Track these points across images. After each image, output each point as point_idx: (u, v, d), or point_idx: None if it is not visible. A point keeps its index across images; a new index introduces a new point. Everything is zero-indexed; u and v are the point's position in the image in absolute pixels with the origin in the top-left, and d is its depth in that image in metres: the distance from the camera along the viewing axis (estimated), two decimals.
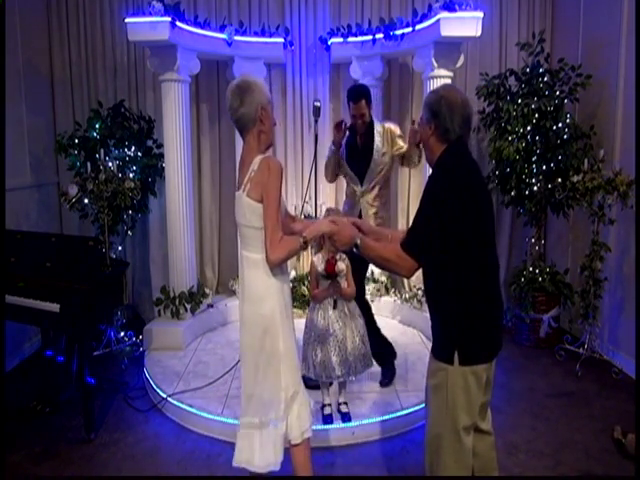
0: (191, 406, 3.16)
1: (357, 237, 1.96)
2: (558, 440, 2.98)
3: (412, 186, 4.82)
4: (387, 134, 3.31)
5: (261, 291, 2.11)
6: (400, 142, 3.31)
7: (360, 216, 3.32)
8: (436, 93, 1.92)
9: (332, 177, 3.48)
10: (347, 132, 3.34)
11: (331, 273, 2.79)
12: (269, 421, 2.16)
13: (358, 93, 3.22)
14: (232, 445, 2.91)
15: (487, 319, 1.91)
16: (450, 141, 1.89)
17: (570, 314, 4.25)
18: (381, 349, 3.36)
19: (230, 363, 3.66)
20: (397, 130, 3.35)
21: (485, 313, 1.90)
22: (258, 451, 2.17)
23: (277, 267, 2.10)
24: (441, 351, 1.92)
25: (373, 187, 3.33)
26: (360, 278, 3.30)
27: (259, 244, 2.06)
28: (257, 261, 2.09)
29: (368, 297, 4.34)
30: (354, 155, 3.35)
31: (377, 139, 3.28)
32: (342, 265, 2.87)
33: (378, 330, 3.41)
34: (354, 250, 1.98)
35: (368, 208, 3.35)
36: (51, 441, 3.01)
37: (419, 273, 1.99)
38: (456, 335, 1.87)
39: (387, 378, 3.40)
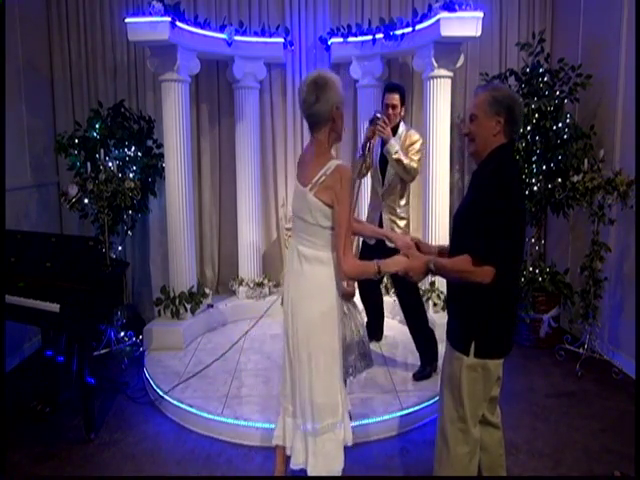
0: (191, 406, 3.15)
1: (430, 262, 1.94)
2: (558, 440, 2.99)
3: (411, 188, 4.80)
4: (404, 139, 3.36)
5: (321, 286, 2.09)
6: (410, 154, 3.32)
7: (381, 218, 3.44)
8: (503, 90, 1.91)
9: (359, 176, 3.48)
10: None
11: None
12: (324, 428, 2.10)
13: (394, 86, 3.51)
14: (232, 445, 2.96)
15: (507, 318, 1.95)
16: (510, 137, 1.92)
17: (570, 314, 4.25)
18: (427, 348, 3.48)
19: (230, 363, 3.67)
20: (414, 137, 3.37)
21: (506, 312, 1.94)
22: (312, 457, 2.12)
23: (335, 265, 2.08)
24: (459, 341, 1.96)
25: (393, 188, 3.41)
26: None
27: (324, 242, 2.07)
28: (320, 258, 2.08)
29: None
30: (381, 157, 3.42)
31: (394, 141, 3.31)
32: None
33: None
34: (429, 275, 1.99)
35: (389, 209, 3.43)
36: (51, 441, 3.01)
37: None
38: (476, 328, 1.91)
39: (420, 374, 3.46)
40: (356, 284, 3.29)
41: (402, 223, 3.44)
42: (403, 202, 3.46)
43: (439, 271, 1.95)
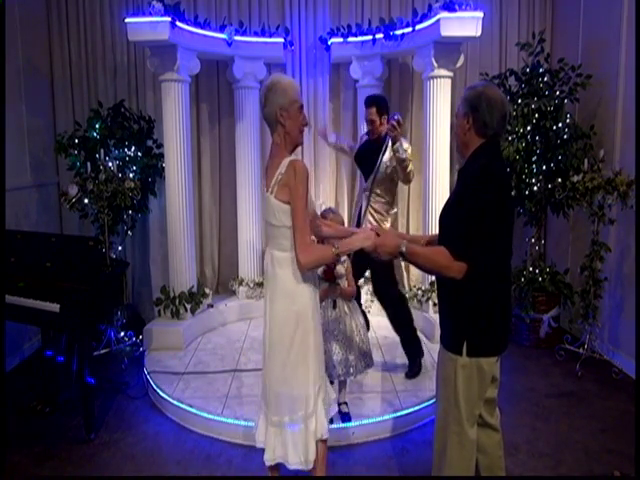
0: (191, 406, 3.15)
1: (402, 244, 1.92)
2: (558, 440, 2.98)
3: (411, 188, 4.81)
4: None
5: (294, 287, 2.12)
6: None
7: (360, 212, 3.50)
8: (475, 89, 1.93)
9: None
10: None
11: (329, 279, 2.80)
12: (298, 419, 2.14)
13: (369, 99, 3.49)
14: (232, 445, 2.95)
15: (498, 315, 1.95)
16: (487, 136, 1.91)
17: (570, 314, 4.25)
18: (411, 343, 3.55)
19: (230, 363, 3.67)
20: (405, 144, 3.38)
21: (496, 309, 1.93)
22: (292, 448, 2.16)
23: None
24: (450, 341, 1.95)
25: (379, 188, 3.45)
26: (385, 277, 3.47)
27: (291, 242, 2.09)
28: (289, 259, 2.10)
29: (367, 297, 4.36)
30: (364, 154, 3.52)
31: (387, 155, 3.33)
32: (341, 269, 2.85)
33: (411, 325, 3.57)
34: (399, 258, 1.96)
35: (377, 212, 3.48)
36: (51, 441, 3.01)
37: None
38: (467, 327, 1.90)
39: (412, 372, 3.50)
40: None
41: (386, 225, 3.49)
42: (392, 210, 3.55)
43: (411, 257, 1.92)
